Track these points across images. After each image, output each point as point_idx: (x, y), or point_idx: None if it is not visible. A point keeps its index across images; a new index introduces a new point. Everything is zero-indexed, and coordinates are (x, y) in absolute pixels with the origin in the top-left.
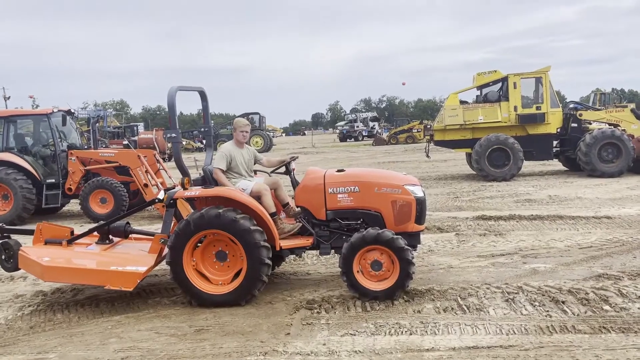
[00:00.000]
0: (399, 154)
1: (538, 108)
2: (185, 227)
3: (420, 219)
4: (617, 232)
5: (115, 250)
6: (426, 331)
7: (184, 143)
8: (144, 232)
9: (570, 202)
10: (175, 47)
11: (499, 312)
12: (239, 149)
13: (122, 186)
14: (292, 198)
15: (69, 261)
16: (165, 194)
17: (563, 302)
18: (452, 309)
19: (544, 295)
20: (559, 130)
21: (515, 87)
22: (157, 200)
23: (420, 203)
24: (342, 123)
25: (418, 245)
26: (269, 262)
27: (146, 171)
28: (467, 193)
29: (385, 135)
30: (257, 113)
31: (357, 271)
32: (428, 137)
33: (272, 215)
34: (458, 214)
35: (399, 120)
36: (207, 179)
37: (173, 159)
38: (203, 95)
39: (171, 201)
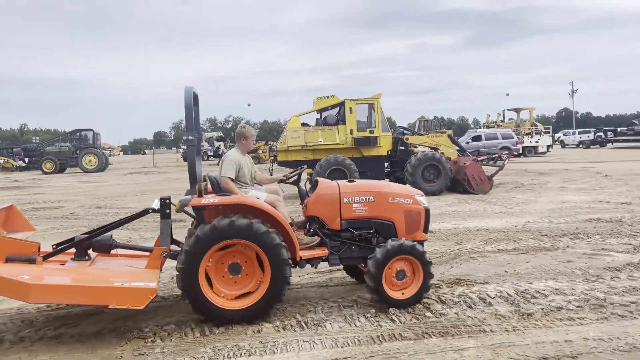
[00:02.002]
0: None
1: (371, 132)
2: (210, 232)
3: (426, 228)
4: (437, 244)
5: (104, 267)
6: (265, 351)
7: (1, 161)
8: (132, 247)
9: None
10: None
11: (335, 325)
12: (244, 157)
13: None
14: (303, 208)
15: (61, 278)
16: (160, 202)
17: (392, 312)
18: (291, 326)
19: (375, 306)
20: (389, 152)
21: (351, 112)
22: (150, 211)
23: (428, 213)
24: None
25: None
26: (290, 279)
27: None
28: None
29: None
30: (90, 130)
31: (385, 284)
32: (272, 158)
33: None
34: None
35: None
36: (214, 189)
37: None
38: (195, 99)
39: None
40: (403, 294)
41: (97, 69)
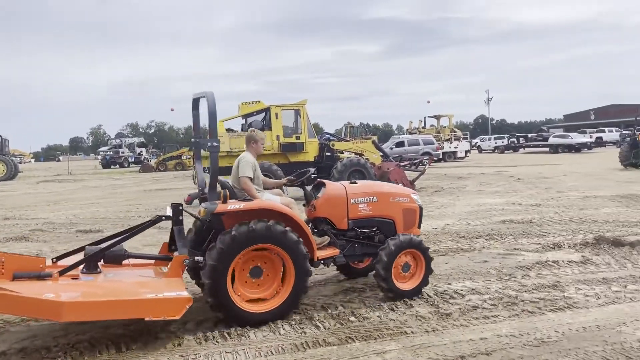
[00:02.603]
0: (167, 180)
1: (297, 138)
2: (239, 237)
3: (420, 224)
4: None
5: (122, 279)
6: None
7: None
8: (146, 256)
9: None
10: None
11: (259, 335)
12: (256, 161)
13: None
14: (311, 209)
15: (91, 294)
16: (172, 209)
17: (317, 318)
18: (214, 337)
19: (300, 313)
20: (316, 158)
21: (277, 118)
22: (163, 218)
23: (421, 210)
24: (105, 148)
25: None
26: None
27: None
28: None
29: (153, 162)
30: None
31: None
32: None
33: None
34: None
35: (168, 147)
36: (231, 194)
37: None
38: (195, 103)
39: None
40: (407, 285)
41: (7, 70)
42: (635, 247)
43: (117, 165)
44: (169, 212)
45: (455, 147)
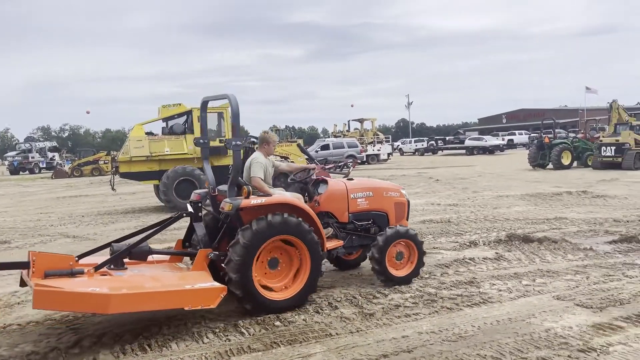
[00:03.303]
0: (83, 187)
1: (221, 141)
2: (260, 231)
3: (408, 217)
4: None
5: (152, 274)
6: None
7: None
8: (168, 253)
9: None
10: None
11: (182, 344)
12: (267, 161)
13: None
14: (315, 204)
15: (132, 287)
16: (192, 206)
17: (241, 325)
18: (133, 350)
19: (223, 321)
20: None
21: (199, 121)
22: (184, 215)
23: (409, 203)
24: (13, 153)
25: None
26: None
27: None
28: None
29: (67, 167)
30: None
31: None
32: (114, 169)
33: None
34: (159, 246)
35: (83, 151)
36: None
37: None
38: (203, 106)
39: (238, 210)
40: (400, 272)
41: None
42: (543, 242)
43: (27, 172)
44: (189, 208)
45: (378, 150)
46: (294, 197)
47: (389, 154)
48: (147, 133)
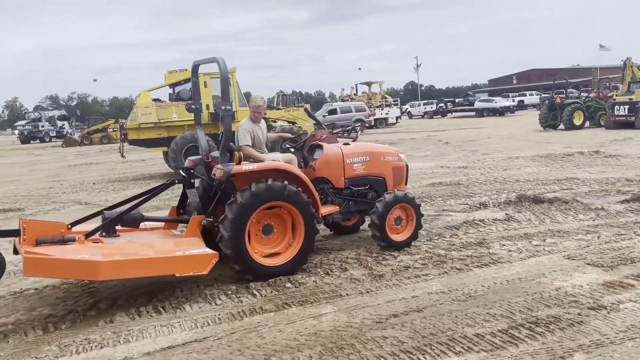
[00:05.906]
0: (93, 155)
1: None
2: (253, 197)
3: (406, 181)
4: None
5: (145, 240)
6: (119, 341)
7: None
8: (161, 219)
9: None
10: None
11: (195, 306)
12: (257, 125)
13: None
14: (308, 170)
15: (123, 254)
16: (184, 172)
17: (253, 287)
18: (148, 312)
19: (236, 283)
20: None
21: (206, 87)
22: (176, 181)
23: (407, 167)
24: (22, 122)
25: None
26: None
27: None
28: (165, 192)
29: (77, 136)
30: None
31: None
32: (122, 137)
33: None
34: (157, 213)
35: (92, 119)
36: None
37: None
38: (194, 70)
39: (229, 177)
40: (399, 237)
41: None
42: (554, 203)
43: (38, 140)
44: (181, 176)
45: (387, 114)
46: (289, 159)
47: (397, 118)
48: (154, 100)
